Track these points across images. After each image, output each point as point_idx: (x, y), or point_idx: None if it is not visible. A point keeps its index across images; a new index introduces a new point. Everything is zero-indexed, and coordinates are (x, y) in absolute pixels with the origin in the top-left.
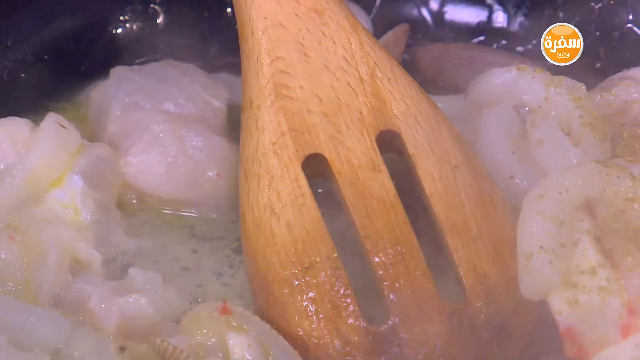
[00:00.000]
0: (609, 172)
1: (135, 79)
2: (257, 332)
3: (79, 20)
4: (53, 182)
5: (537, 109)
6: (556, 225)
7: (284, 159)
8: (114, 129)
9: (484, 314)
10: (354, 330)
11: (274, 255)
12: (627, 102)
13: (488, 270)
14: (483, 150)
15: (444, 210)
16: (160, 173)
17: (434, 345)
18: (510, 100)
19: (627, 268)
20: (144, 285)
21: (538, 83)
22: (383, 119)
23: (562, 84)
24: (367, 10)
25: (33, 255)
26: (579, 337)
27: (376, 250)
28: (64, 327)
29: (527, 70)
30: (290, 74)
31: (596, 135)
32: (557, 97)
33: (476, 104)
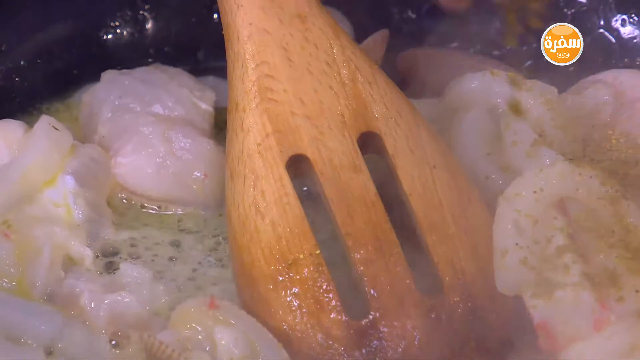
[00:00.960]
0: (582, 172)
1: (125, 82)
2: (243, 326)
3: (70, 26)
4: (46, 182)
5: (510, 112)
6: (531, 223)
7: (268, 160)
8: (105, 131)
9: (461, 308)
10: (336, 325)
11: (259, 252)
12: (597, 104)
13: (465, 267)
14: (459, 152)
15: (422, 208)
16: (149, 173)
17: (412, 338)
18: (484, 103)
19: (600, 264)
20: (134, 281)
21: (511, 87)
22: (364, 121)
23: (534, 87)
24: (349, 16)
25: (27, 252)
26: (552, 330)
27: (357, 247)
28: (57, 322)
29: (500, 74)
30: (274, 77)
31: (567, 137)
32: (530, 100)
33: (451, 107)
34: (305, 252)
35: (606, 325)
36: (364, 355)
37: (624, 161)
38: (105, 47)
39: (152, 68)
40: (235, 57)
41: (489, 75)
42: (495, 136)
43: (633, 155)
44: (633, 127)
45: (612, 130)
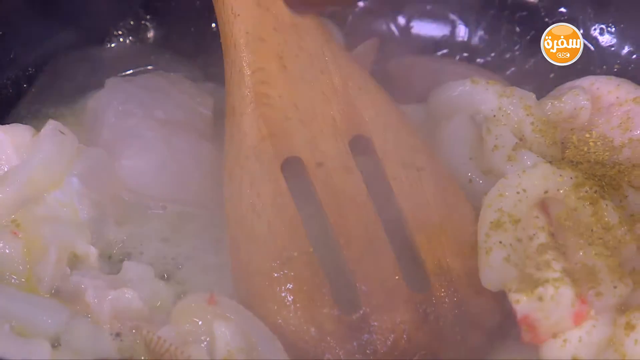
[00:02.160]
0: (563, 174)
1: (128, 88)
2: (241, 320)
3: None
4: (53, 184)
5: (491, 118)
6: (513, 222)
7: (264, 162)
8: (109, 135)
9: (447, 303)
10: (328, 319)
11: (255, 250)
12: (575, 109)
13: (451, 264)
14: (443, 157)
15: (410, 208)
16: (151, 175)
17: (401, 332)
18: (466, 110)
19: (579, 261)
20: (136, 277)
21: (492, 94)
22: (355, 125)
23: (513, 94)
24: (340, 25)
25: (34, 250)
26: (534, 324)
27: (349, 245)
28: (63, 315)
29: (480, 82)
30: (269, 83)
31: (547, 140)
32: (510, 106)
33: (435, 114)
34: (299, 250)
35: (586, 319)
36: (355, 348)
37: (602, 163)
38: (110, 54)
39: (153, 75)
40: (233, 64)
41: (470, 84)
42: (477, 141)
43: (610, 157)
44: (609, 130)
45: (590, 134)
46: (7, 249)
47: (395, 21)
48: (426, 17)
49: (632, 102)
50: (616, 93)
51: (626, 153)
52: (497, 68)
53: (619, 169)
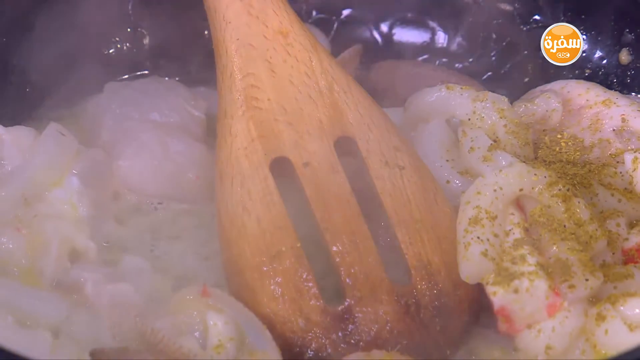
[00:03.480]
0: (537, 173)
1: (126, 92)
2: (232, 312)
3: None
4: (54, 182)
5: (466, 121)
6: (490, 219)
7: (254, 162)
8: (107, 136)
9: (427, 295)
10: (315, 310)
11: (246, 245)
12: (547, 111)
13: (431, 258)
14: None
15: (393, 205)
16: (147, 174)
17: (384, 322)
18: (442, 114)
19: (553, 255)
20: (134, 271)
21: (466, 99)
22: (340, 127)
23: (487, 98)
24: (326, 32)
25: (36, 245)
26: (510, 315)
27: (334, 241)
28: (63, 307)
29: (455, 88)
30: (259, 87)
31: (519, 141)
32: (483, 110)
33: (413, 119)
34: (287, 245)
35: (559, 310)
36: (340, 338)
37: (573, 162)
38: (108, 60)
39: (149, 80)
40: (224, 69)
41: (446, 89)
42: (453, 143)
43: (581, 157)
44: (580, 131)
45: (561, 135)
46: (10, 244)
47: (378, 28)
48: (407, 24)
49: (601, 105)
50: (586, 96)
51: (596, 153)
52: (474, 73)
53: (590, 168)
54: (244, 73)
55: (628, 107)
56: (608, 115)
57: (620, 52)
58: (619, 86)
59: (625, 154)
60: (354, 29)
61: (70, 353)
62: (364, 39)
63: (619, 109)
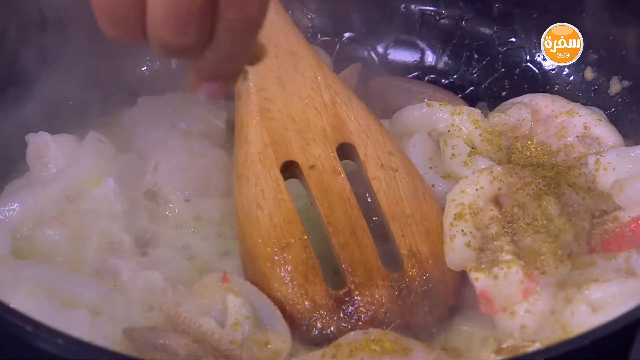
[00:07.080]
0: (513, 174)
1: (156, 105)
2: (248, 295)
3: (114, 60)
4: (93, 183)
5: (446, 132)
6: (473, 214)
7: (266, 165)
8: (140, 143)
9: (417, 281)
10: (320, 294)
11: (259, 237)
12: (518, 120)
13: (420, 249)
14: None
15: (387, 203)
16: (175, 176)
17: (380, 304)
18: (424, 128)
19: (527, 246)
20: (164, 260)
21: (445, 113)
22: (341, 134)
23: (462, 111)
24: (330, 52)
25: (78, 237)
26: (490, 298)
27: (336, 234)
28: (102, 291)
29: (434, 105)
30: (271, 100)
31: (494, 147)
32: (461, 122)
33: (398, 133)
34: (295, 237)
35: (532, 294)
36: (342, 318)
37: (543, 166)
38: (141, 77)
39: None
40: (241, 85)
41: (426, 107)
42: (435, 153)
43: (548, 160)
44: (547, 138)
45: (531, 141)
46: (56, 237)
47: (375, 49)
48: (400, 45)
49: (565, 114)
50: (552, 107)
51: (562, 156)
52: (458, 88)
53: (557, 170)
54: (258, 88)
55: (589, 117)
56: (572, 124)
57: (585, 69)
58: (583, 99)
59: (588, 157)
60: (354, 49)
61: (107, 331)
62: (362, 58)
63: (581, 118)
